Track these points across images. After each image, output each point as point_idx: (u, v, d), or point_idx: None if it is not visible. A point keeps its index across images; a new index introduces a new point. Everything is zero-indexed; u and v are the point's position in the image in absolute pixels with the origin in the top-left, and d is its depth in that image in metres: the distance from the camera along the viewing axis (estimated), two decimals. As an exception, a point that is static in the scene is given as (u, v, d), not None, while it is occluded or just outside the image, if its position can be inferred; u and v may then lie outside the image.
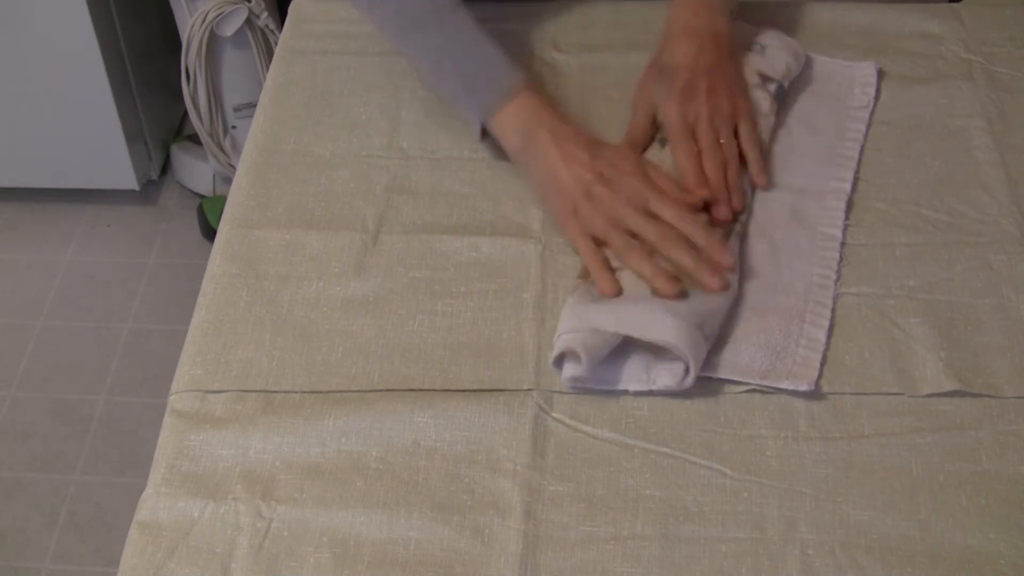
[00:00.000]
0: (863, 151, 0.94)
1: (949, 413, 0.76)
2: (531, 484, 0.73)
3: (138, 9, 1.87)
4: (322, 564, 0.69)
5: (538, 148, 0.87)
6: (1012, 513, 0.71)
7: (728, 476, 0.73)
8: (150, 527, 0.71)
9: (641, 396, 0.77)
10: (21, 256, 1.96)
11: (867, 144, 0.95)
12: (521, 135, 0.88)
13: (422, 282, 0.84)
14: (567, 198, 0.85)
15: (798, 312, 0.81)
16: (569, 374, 0.76)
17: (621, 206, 0.83)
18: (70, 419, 1.71)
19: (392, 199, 0.91)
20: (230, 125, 1.86)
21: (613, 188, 0.84)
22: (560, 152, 0.86)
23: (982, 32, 1.05)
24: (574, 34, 1.04)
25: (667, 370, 0.76)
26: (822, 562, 0.68)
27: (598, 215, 0.83)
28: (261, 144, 0.96)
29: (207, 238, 1.93)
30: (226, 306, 0.83)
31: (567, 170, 0.85)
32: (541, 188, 0.88)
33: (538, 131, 0.87)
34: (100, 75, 1.78)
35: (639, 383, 0.77)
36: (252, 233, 0.88)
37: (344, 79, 1.02)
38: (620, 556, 0.69)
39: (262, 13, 1.73)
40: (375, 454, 0.74)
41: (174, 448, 0.75)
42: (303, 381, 0.78)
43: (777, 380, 0.77)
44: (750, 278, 0.83)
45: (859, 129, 0.96)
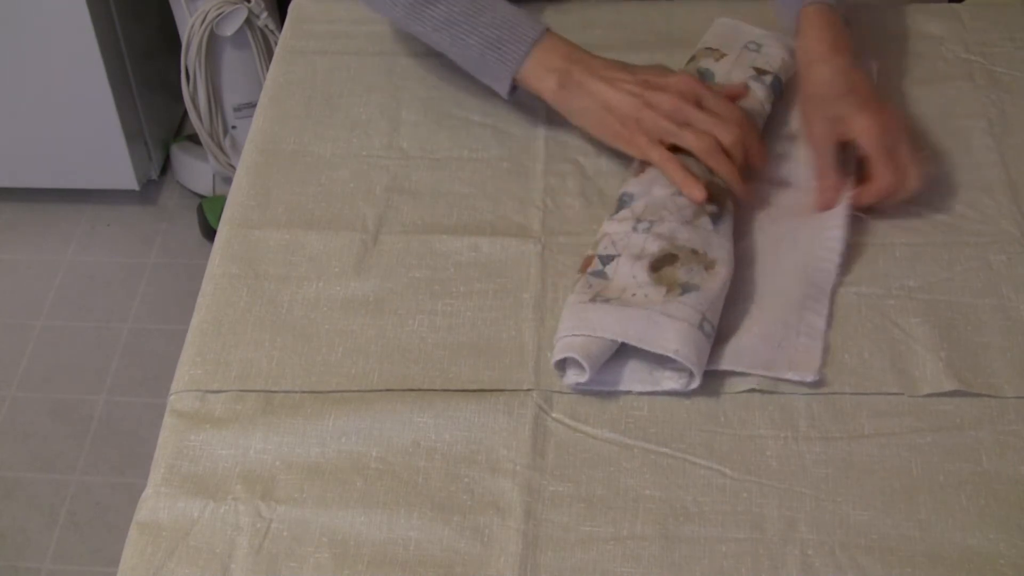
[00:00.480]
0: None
1: (949, 413, 0.76)
2: (531, 484, 0.73)
3: (138, 9, 1.87)
4: (322, 564, 0.69)
5: (577, 82, 0.88)
6: (1012, 513, 0.71)
7: (728, 476, 0.73)
8: (150, 527, 0.71)
9: (641, 396, 0.77)
10: (21, 256, 1.96)
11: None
12: (557, 74, 0.89)
13: (422, 282, 0.84)
14: (624, 115, 0.87)
15: (797, 301, 0.81)
16: (571, 381, 0.77)
17: (679, 102, 0.85)
18: (70, 419, 1.71)
19: (392, 199, 0.91)
20: (230, 125, 1.86)
21: (665, 90, 0.86)
22: (600, 79, 0.88)
23: (982, 32, 1.05)
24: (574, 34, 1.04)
25: (672, 374, 0.76)
26: (822, 562, 0.68)
27: (661, 118, 0.85)
28: (261, 144, 0.96)
29: (207, 238, 1.93)
30: (226, 306, 0.83)
31: (614, 91, 0.87)
32: (591, 119, 0.90)
33: (572, 67, 0.89)
34: (100, 75, 1.78)
35: (643, 384, 0.77)
36: (252, 233, 0.88)
37: (344, 79, 1.02)
38: (620, 556, 0.69)
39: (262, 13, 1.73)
40: (375, 454, 0.74)
41: (174, 448, 0.75)
42: (303, 381, 0.78)
43: (780, 371, 0.77)
44: (750, 267, 0.84)
45: None
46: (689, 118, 0.85)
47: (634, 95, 0.86)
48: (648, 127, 0.86)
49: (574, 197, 0.91)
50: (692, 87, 0.87)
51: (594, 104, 0.88)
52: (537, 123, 0.96)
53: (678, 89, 0.86)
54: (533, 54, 0.90)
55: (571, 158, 0.94)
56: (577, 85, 0.89)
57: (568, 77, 0.89)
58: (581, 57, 0.90)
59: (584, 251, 0.85)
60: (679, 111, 0.85)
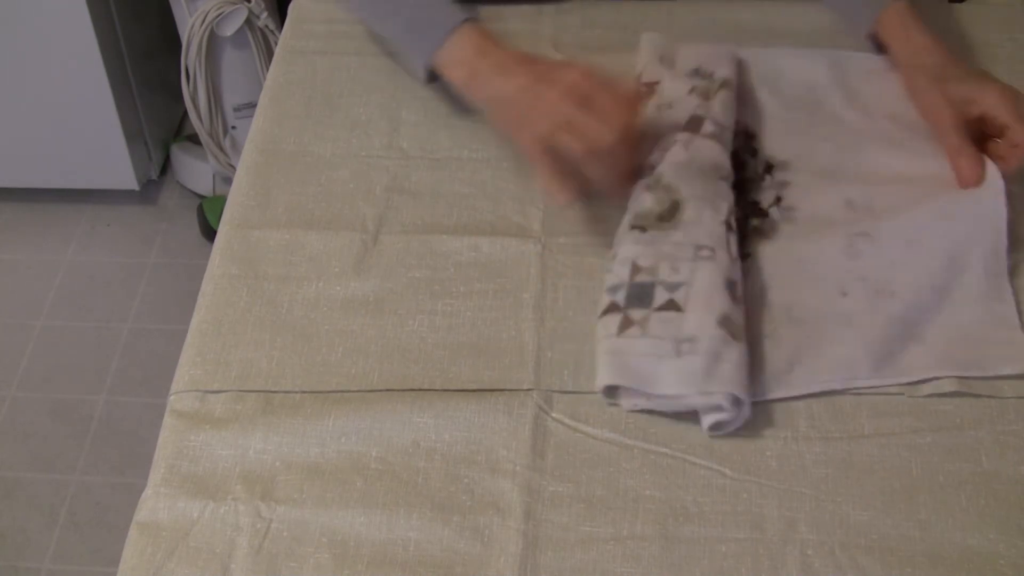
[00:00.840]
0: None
1: (949, 413, 0.76)
2: (531, 484, 0.73)
3: (138, 9, 1.87)
4: (322, 564, 0.69)
5: (481, 75, 0.88)
6: (1012, 513, 0.71)
7: (728, 476, 0.73)
8: (150, 527, 0.71)
9: (641, 396, 0.77)
10: (21, 256, 1.96)
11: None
12: (465, 67, 0.88)
13: (422, 282, 0.84)
14: (515, 107, 0.85)
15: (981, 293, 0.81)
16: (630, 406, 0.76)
17: (562, 102, 0.82)
18: (70, 419, 1.71)
19: (392, 199, 0.91)
20: (230, 125, 1.86)
21: (554, 84, 0.83)
22: (501, 71, 0.87)
23: (982, 32, 1.05)
24: (574, 34, 1.04)
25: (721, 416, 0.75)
26: (822, 562, 0.68)
27: (544, 115, 0.82)
28: (261, 144, 0.96)
29: (207, 238, 1.93)
30: (226, 306, 0.83)
31: (509, 85, 0.85)
32: (492, 113, 0.89)
33: (480, 61, 0.88)
34: (100, 75, 1.78)
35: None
36: (252, 233, 0.88)
37: (344, 79, 1.02)
38: (620, 556, 0.69)
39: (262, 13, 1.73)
40: (375, 454, 0.74)
41: (174, 448, 0.75)
42: (303, 381, 0.78)
43: (994, 368, 0.77)
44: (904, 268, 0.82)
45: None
46: (568, 117, 0.82)
47: (524, 89, 0.84)
48: (531, 122, 0.83)
49: (574, 197, 0.91)
50: (582, 84, 0.82)
51: (492, 98, 0.87)
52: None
53: (566, 85, 0.83)
54: (446, 44, 0.89)
55: (571, 158, 0.94)
56: (482, 81, 0.88)
57: (474, 70, 0.88)
58: (491, 50, 0.88)
59: (584, 251, 0.85)
60: (559, 108, 0.82)
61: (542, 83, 0.84)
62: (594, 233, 0.87)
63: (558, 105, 0.82)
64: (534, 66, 0.86)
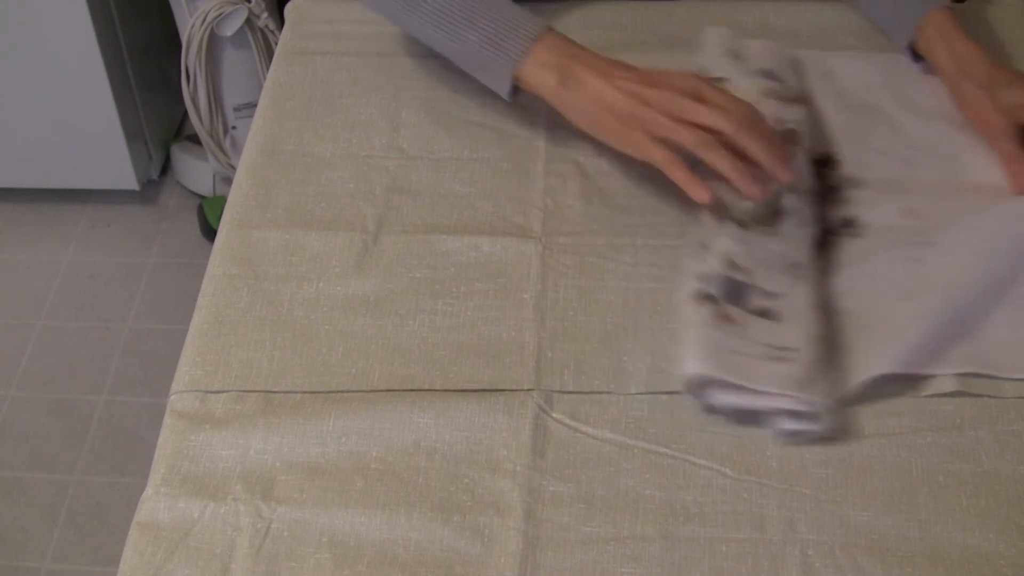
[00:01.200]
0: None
1: (949, 413, 0.76)
2: (531, 484, 0.73)
3: (138, 9, 1.87)
4: (322, 564, 0.69)
5: (576, 79, 0.86)
6: (1012, 513, 0.71)
7: (728, 476, 0.73)
8: (150, 527, 0.71)
9: (641, 396, 0.77)
10: (21, 256, 1.96)
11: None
12: (556, 71, 0.87)
13: (422, 282, 0.84)
14: (622, 112, 0.84)
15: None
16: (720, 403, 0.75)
17: (680, 98, 0.82)
18: (70, 419, 1.71)
19: (392, 199, 0.91)
20: (230, 125, 1.86)
21: (665, 86, 0.83)
22: (599, 74, 0.85)
23: (982, 32, 1.05)
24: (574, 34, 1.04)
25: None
26: (822, 562, 0.68)
27: (661, 115, 0.82)
28: (261, 144, 0.96)
29: (207, 238, 1.93)
30: (226, 306, 0.83)
31: (611, 87, 0.84)
32: (591, 118, 0.87)
33: (572, 64, 0.87)
34: (100, 75, 1.78)
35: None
36: (252, 233, 0.89)
37: (344, 80, 1.02)
38: (620, 556, 0.69)
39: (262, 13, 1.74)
40: (375, 454, 0.74)
41: (174, 448, 0.75)
42: (303, 381, 0.78)
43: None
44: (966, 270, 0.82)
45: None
46: (687, 112, 0.82)
47: (632, 93, 0.84)
48: (646, 124, 0.83)
49: (574, 197, 0.91)
50: (693, 83, 0.83)
51: (593, 103, 0.86)
52: (537, 123, 0.96)
53: (678, 85, 0.83)
54: (533, 51, 0.88)
55: (571, 158, 0.94)
56: (577, 83, 0.87)
57: (568, 75, 0.87)
58: (582, 54, 0.88)
59: (584, 251, 0.86)
60: (677, 106, 0.82)
61: (650, 85, 0.83)
62: (594, 233, 0.87)
63: (672, 102, 0.82)
64: (636, 70, 0.86)
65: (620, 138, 0.86)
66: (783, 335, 0.76)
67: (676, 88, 0.83)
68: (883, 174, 0.91)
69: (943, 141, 0.94)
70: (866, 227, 0.87)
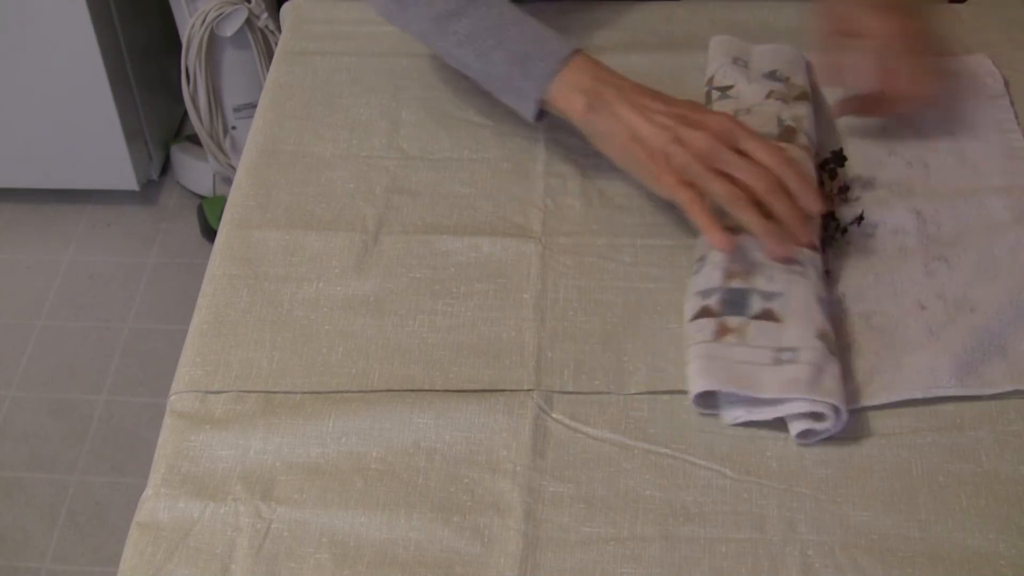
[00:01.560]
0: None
1: (949, 413, 0.76)
2: (531, 485, 0.73)
3: (138, 9, 1.87)
4: (322, 564, 0.69)
5: (607, 106, 0.84)
6: (1012, 513, 0.71)
7: (728, 477, 0.73)
8: (150, 527, 0.71)
9: (641, 396, 0.77)
10: (21, 256, 1.96)
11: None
12: (586, 95, 0.84)
13: (422, 282, 0.84)
14: (653, 148, 0.81)
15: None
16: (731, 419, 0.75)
17: (714, 143, 0.79)
18: (70, 419, 1.71)
19: (392, 199, 0.91)
20: (230, 125, 1.86)
21: (700, 127, 0.80)
22: (632, 105, 0.83)
23: (983, 32, 1.05)
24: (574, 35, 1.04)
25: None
26: (822, 562, 0.68)
27: (691, 157, 0.79)
28: (261, 144, 0.96)
29: (207, 238, 1.93)
30: (226, 306, 0.83)
31: (645, 120, 0.82)
32: (618, 147, 0.84)
33: (603, 89, 0.84)
34: (100, 75, 1.78)
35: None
36: (252, 233, 0.89)
37: (344, 80, 1.02)
38: (620, 557, 0.69)
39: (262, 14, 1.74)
40: (375, 454, 0.74)
41: (174, 448, 0.75)
42: (303, 381, 0.78)
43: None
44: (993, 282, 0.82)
45: (1010, 119, 0.95)
46: (722, 161, 0.79)
47: (666, 128, 0.81)
48: (677, 165, 0.80)
49: (574, 197, 0.91)
50: (730, 127, 0.80)
51: (623, 131, 0.83)
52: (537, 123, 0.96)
53: (714, 128, 0.80)
54: (561, 73, 0.85)
55: (571, 158, 0.94)
56: (607, 108, 0.84)
57: (598, 99, 0.84)
58: (613, 79, 0.85)
59: (585, 251, 0.86)
60: (712, 152, 0.79)
61: (685, 124, 0.81)
62: (594, 233, 0.87)
63: (707, 147, 0.79)
64: (669, 104, 0.83)
65: (647, 173, 0.83)
66: (786, 335, 0.76)
67: (712, 130, 0.80)
68: (894, 174, 0.91)
69: (955, 142, 0.94)
70: (877, 227, 0.87)
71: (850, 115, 0.93)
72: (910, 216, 0.87)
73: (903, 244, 0.86)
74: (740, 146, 0.80)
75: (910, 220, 0.87)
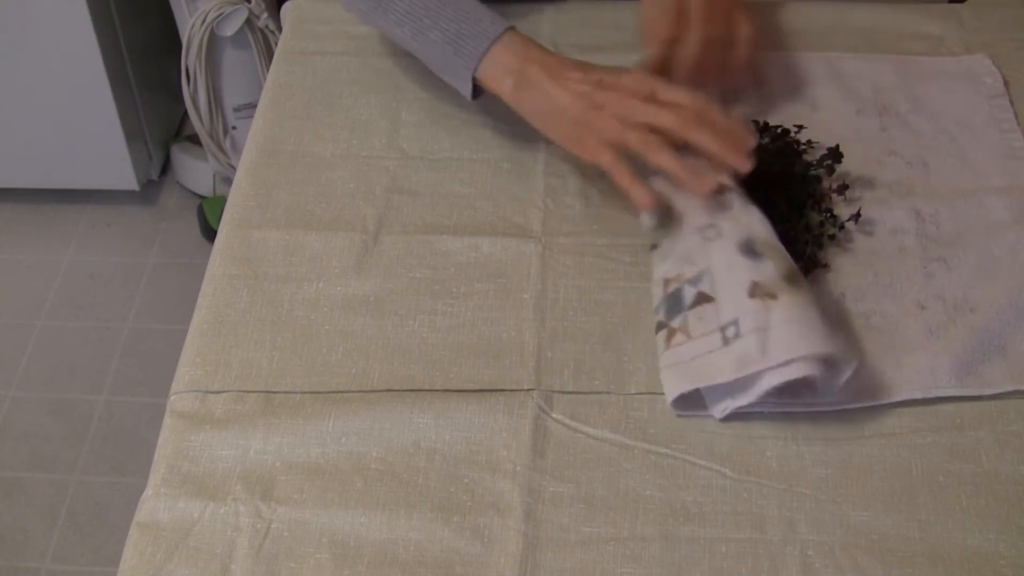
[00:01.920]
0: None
1: (949, 413, 0.76)
2: (531, 485, 0.73)
3: (138, 9, 1.87)
4: (322, 564, 0.69)
5: (531, 82, 0.85)
6: (1012, 513, 0.71)
7: (728, 477, 0.73)
8: (150, 527, 0.71)
9: (641, 396, 0.77)
10: (21, 256, 1.96)
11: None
12: (513, 74, 0.86)
13: (422, 282, 0.84)
14: (572, 115, 0.83)
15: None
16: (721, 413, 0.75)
17: (629, 100, 0.81)
18: (70, 419, 1.71)
19: (392, 199, 0.91)
20: (230, 125, 1.86)
21: (615, 88, 0.82)
22: (552, 77, 0.84)
23: (982, 32, 1.05)
24: (574, 34, 1.04)
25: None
26: (822, 563, 0.68)
27: (609, 118, 0.81)
28: (261, 144, 0.96)
29: (207, 238, 1.93)
30: (226, 306, 0.83)
31: (563, 89, 0.83)
32: (545, 121, 0.86)
33: (528, 66, 0.85)
34: (100, 75, 1.78)
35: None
36: (252, 233, 0.88)
37: (344, 80, 1.02)
38: (620, 557, 0.69)
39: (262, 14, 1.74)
40: (375, 454, 0.74)
41: (174, 448, 0.75)
42: (303, 381, 0.78)
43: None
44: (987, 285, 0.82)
45: (1010, 119, 0.96)
46: (636, 114, 0.80)
47: (582, 95, 0.82)
48: (596, 128, 0.82)
49: (574, 197, 0.91)
50: (644, 82, 0.82)
51: (547, 105, 0.85)
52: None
53: (629, 86, 0.82)
54: (492, 51, 0.86)
55: (571, 158, 0.94)
56: (531, 86, 0.85)
57: (523, 78, 0.85)
58: (539, 56, 0.86)
59: (584, 251, 0.86)
60: (628, 108, 0.81)
61: (601, 88, 0.82)
62: (594, 233, 0.87)
63: (622, 105, 0.81)
64: (589, 71, 0.84)
65: (571, 141, 0.85)
66: (723, 310, 0.75)
67: (627, 89, 0.82)
68: (894, 174, 0.91)
69: (955, 143, 0.94)
70: (875, 226, 0.87)
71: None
72: (910, 216, 0.87)
73: (902, 244, 0.86)
74: (659, 97, 0.81)
75: (910, 220, 0.87)
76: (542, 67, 0.85)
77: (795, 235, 0.84)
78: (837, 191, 0.88)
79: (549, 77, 0.84)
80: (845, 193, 0.88)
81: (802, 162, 0.89)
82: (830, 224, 0.85)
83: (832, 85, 0.98)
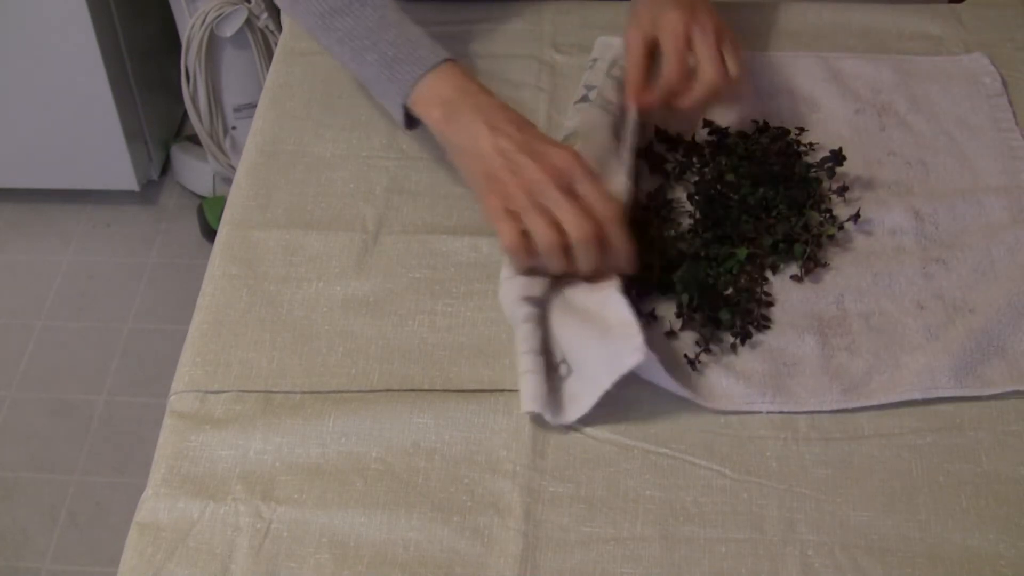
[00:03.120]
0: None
1: (949, 413, 0.76)
2: (531, 485, 0.73)
3: (138, 9, 1.87)
4: (322, 565, 0.69)
5: (461, 119, 0.82)
6: (1012, 513, 0.71)
7: (728, 477, 0.73)
8: (150, 527, 0.71)
9: (642, 396, 0.77)
10: (21, 256, 1.96)
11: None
12: (443, 106, 0.83)
13: (422, 282, 0.84)
14: (487, 166, 0.80)
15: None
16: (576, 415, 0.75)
17: (544, 180, 0.77)
18: (70, 419, 1.71)
19: (392, 199, 0.91)
20: (230, 125, 1.86)
21: (539, 159, 0.78)
22: (485, 122, 0.81)
23: (982, 33, 1.05)
24: (574, 34, 1.04)
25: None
26: (822, 563, 0.68)
27: (519, 188, 0.77)
28: (261, 145, 0.96)
29: (207, 238, 1.93)
30: (226, 307, 0.83)
31: (490, 137, 0.80)
32: (463, 160, 0.83)
33: (462, 101, 0.83)
34: (100, 75, 1.78)
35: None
36: (252, 234, 0.88)
37: (344, 80, 1.02)
38: (620, 557, 0.69)
39: (262, 14, 1.74)
40: (375, 455, 0.74)
41: (174, 448, 0.75)
42: (303, 381, 0.78)
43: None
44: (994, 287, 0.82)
45: (1009, 119, 0.96)
46: (548, 199, 0.76)
47: (503, 152, 0.79)
48: (503, 192, 0.78)
49: (574, 197, 0.90)
50: (569, 166, 0.78)
51: (469, 146, 0.81)
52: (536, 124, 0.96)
53: (553, 163, 0.78)
54: (426, 79, 0.84)
55: (571, 158, 0.94)
56: (460, 121, 0.82)
57: (454, 111, 0.83)
58: (475, 92, 0.83)
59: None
60: (540, 187, 0.77)
61: (527, 153, 0.79)
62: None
63: (541, 184, 0.77)
64: (524, 130, 0.81)
65: (479, 192, 0.81)
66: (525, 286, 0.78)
67: (549, 165, 0.78)
68: (893, 174, 0.91)
69: (954, 143, 0.94)
70: (875, 226, 0.87)
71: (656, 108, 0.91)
72: (909, 216, 0.87)
73: (901, 244, 0.86)
74: (575, 188, 0.77)
75: (909, 220, 0.87)
76: (476, 105, 0.82)
77: (795, 235, 0.84)
78: (837, 192, 0.88)
79: (481, 118, 0.81)
80: (845, 195, 0.88)
81: (803, 163, 0.89)
82: (829, 224, 0.85)
83: (832, 85, 0.98)
